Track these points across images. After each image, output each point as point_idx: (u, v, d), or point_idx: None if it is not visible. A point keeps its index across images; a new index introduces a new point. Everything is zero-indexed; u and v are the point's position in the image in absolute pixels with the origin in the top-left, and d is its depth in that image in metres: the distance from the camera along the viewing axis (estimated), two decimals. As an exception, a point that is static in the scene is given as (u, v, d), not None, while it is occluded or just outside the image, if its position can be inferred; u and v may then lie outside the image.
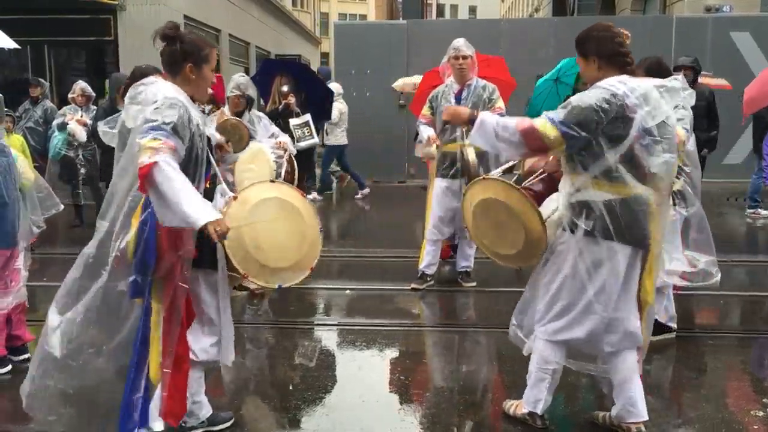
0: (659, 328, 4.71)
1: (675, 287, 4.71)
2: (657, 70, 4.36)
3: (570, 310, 3.27)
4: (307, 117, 7.38)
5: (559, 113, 3.07)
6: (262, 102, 8.34)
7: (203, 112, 7.43)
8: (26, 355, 4.49)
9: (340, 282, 6.77)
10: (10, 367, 4.37)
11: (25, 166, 4.56)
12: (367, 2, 56.93)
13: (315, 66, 34.24)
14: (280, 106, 7.30)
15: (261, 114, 6.17)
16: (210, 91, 3.53)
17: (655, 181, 3.13)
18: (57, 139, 8.29)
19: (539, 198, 3.37)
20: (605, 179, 3.10)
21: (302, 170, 7.74)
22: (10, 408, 3.96)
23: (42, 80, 9.99)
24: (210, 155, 3.18)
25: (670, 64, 7.87)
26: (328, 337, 5.23)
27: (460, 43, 5.82)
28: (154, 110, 2.92)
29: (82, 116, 8.30)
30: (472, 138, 3.23)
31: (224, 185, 3.30)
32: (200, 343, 3.24)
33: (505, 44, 12.05)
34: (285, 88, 7.32)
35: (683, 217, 4.46)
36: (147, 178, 2.77)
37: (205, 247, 3.04)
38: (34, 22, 14.61)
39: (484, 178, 3.52)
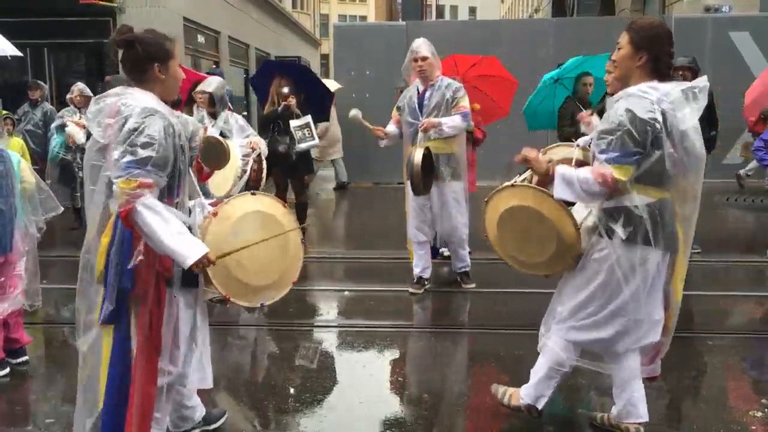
0: None
1: None
2: None
3: (597, 314, 3.24)
4: (308, 118, 7.36)
5: (614, 146, 2.99)
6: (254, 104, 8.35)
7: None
8: (24, 358, 4.50)
9: (338, 284, 6.77)
10: (8, 369, 4.37)
11: (26, 169, 4.55)
12: (367, 3, 56.99)
13: (315, 68, 34.23)
14: (279, 108, 7.28)
15: (238, 116, 6.22)
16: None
17: (680, 183, 3.14)
18: (55, 141, 8.29)
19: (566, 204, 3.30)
20: (646, 182, 3.07)
21: (303, 171, 7.76)
22: (8, 410, 3.97)
23: (41, 83, 10.00)
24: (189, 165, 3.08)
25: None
26: (326, 339, 5.22)
27: (419, 44, 5.72)
28: (134, 131, 2.76)
29: (81, 118, 8.30)
30: (557, 192, 3.14)
31: (202, 198, 3.21)
32: (170, 366, 3.06)
33: (504, 45, 12.05)
34: (286, 90, 7.29)
35: None
36: (127, 220, 2.74)
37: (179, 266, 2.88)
38: (33, 25, 14.61)
39: (512, 185, 3.41)
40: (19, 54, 8.65)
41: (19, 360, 4.48)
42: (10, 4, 14.01)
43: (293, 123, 7.26)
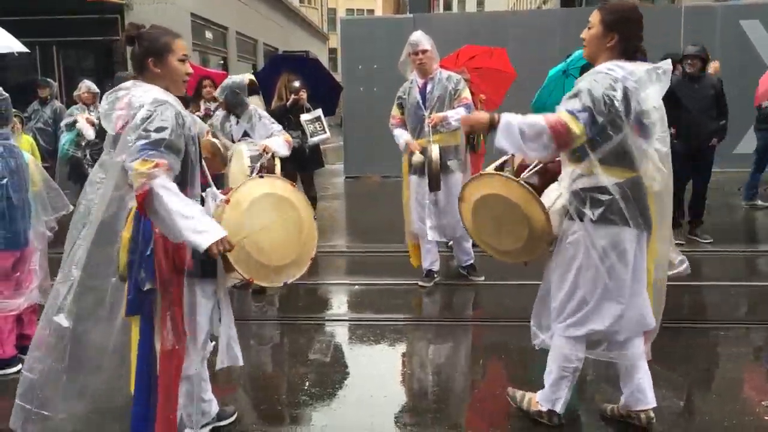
0: None
1: None
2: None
3: (587, 302, 3.23)
4: (319, 112, 7.36)
5: (574, 104, 3.01)
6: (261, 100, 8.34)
7: (209, 110, 7.45)
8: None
9: (348, 277, 6.78)
10: (20, 366, 4.39)
11: (33, 169, 4.55)
12: (375, -3, 56.85)
13: (323, 62, 34.14)
14: (288, 102, 7.28)
15: (264, 113, 6.07)
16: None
17: (650, 163, 3.13)
18: (65, 139, 8.32)
19: (537, 191, 3.30)
20: (612, 162, 3.07)
21: (314, 165, 7.77)
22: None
23: (50, 81, 10.04)
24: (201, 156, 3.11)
25: (678, 53, 7.84)
26: (336, 333, 5.23)
27: (418, 37, 5.69)
28: (146, 119, 2.78)
29: (90, 115, 8.34)
30: (498, 141, 3.10)
31: (214, 188, 3.21)
32: (189, 358, 3.09)
33: (512, 36, 11.99)
34: (297, 84, 7.29)
35: None
36: (144, 205, 2.70)
37: (202, 256, 2.88)
38: (42, 23, 14.68)
39: (480, 175, 3.45)
40: (26, 50, 8.65)
41: (32, 356, 4.50)
42: (19, 3, 14.08)
43: (304, 117, 7.26)
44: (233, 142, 5.74)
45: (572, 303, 3.26)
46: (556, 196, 3.26)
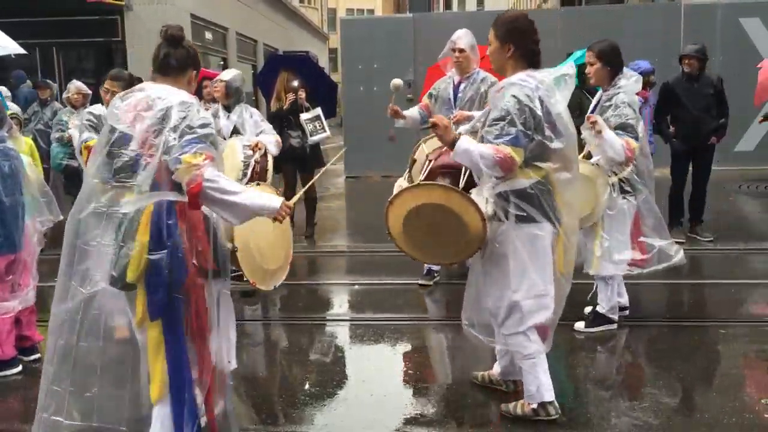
0: (600, 319, 4.72)
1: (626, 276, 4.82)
2: (609, 54, 4.56)
3: (527, 297, 3.37)
4: (318, 111, 7.36)
5: (508, 130, 3.19)
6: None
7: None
8: (37, 355, 4.53)
9: (349, 277, 6.78)
10: (21, 367, 4.40)
11: (29, 171, 4.48)
12: (375, -4, 56.80)
13: (324, 62, 34.16)
14: (286, 105, 7.27)
15: (254, 110, 6.11)
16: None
17: (559, 158, 3.35)
18: (55, 151, 7.82)
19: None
20: (528, 165, 3.28)
21: (313, 164, 7.76)
22: (23, 408, 3.99)
23: (50, 82, 10.00)
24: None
25: (678, 51, 7.84)
26: (337, 332, 5.23)
27: (459, 34, 5.67)
28: (185, 118, 2.81)
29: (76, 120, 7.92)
30: (456, 156, 3.31)
31: None
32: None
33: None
34: (295, 83, 7.28)
35: (635, 205, 4.61)
36: (200, 195, 2.73)
37: (219, 258, 2.95)
38: (42, 25, 14.69)
39: (417, 185, 3.54)
40: (23, 52, 8.55)
41: (32, 357, 4.51)
42: (18, 5, 14.09)
43: (303, 116, 7.26)
44: (224, 138, 5.74)
45: (513, 300, 3.39)
46: (482, 202, 3.40)
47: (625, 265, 4.63)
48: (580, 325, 4.78)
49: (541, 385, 3.46)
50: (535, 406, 3.49)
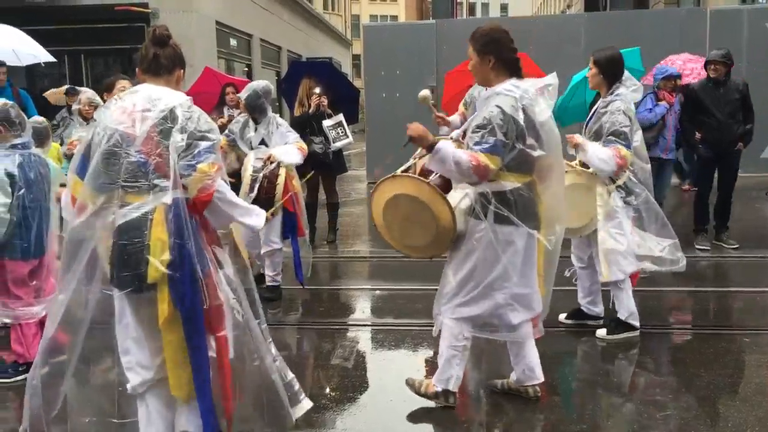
0: (622, 326, 4.67)
1: (634, 281, 4.78)
2: (604, 64, 4.67)
3: (474, 290, 3.56)
4: (340, 117, 7.39)
5: (487, 139, 3.32)
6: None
7: (232, 117, 7.50)
8: (63, 357, 4.58)
9: (370, 282, 6.80)
10: (48, 368, 4.45)
11: (54, 177, 4.52)
12: (398, 3, 56.94)
13: (347, 68, 34.26)
14: (311, 109, 7.31)
15: (282, 121, 6.07)
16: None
17: (544, 165, 3.52)
18: (66, 164, 7.70)
19: (443, 191, 3.57)
20: (513, 169, 3.42)
21: (336, 170, 7.80)
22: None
23: (79, 89, 10.15)
24: None
25: (703, 56, 7.76)
26: (357, 337, 5.25)
27: None
28: (189, 119, 2.84)
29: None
30: (432, 165, 3.47)
31: None
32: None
33: (535, 41, 11.93)
34: (317, 90, 7.32)
35: (633, 207, 4.65)
36: (205, 204, 2.87)
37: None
38: (70, 32, 14.95)
39: (393, 176, 3.65)
40: (53, 60, 8.69)
41: (57, 360, 4.56)
42: (47, 13, 14.36)
43: (326, 123, 7.29)
44: (251, 148, 5.79)
45: (465, 289, 3.58)
46: (460, 196, 3.59)
47: (634, 266, 4.63)
48: (602, 333, 4.75)
49: (451, 376, 3.69)
50: (439, 389, 3.72)
